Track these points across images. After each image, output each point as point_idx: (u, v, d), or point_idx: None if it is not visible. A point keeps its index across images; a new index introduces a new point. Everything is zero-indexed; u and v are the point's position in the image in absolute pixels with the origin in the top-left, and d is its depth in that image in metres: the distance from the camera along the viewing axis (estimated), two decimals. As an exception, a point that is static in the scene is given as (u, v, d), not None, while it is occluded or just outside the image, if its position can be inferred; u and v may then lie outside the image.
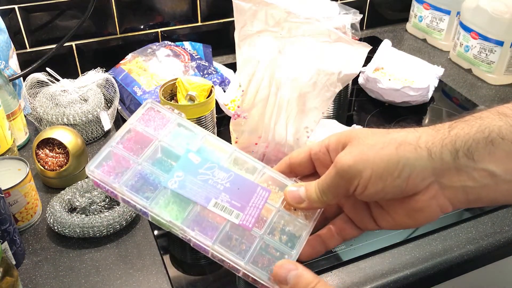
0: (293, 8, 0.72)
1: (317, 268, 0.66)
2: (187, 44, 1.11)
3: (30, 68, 0.96)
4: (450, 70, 1.18)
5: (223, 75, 1.03)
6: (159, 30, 1.15)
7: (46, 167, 0.79)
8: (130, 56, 1.06)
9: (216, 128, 0.87)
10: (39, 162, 0.79)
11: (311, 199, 0.45)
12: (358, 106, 1.05)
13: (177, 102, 0.83)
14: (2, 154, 0.78)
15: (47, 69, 0.90)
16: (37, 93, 0.90)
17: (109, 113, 0.92)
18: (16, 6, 0.99)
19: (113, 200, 0.75)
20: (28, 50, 1.05)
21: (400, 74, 1.05)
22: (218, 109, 0.91)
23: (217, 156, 0.49)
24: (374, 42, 1.03)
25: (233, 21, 0.73)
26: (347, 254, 0.69)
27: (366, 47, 0.72)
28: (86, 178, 0.79)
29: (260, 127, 0.75)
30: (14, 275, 0.57)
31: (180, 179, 0.46)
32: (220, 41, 1.21)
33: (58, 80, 0.91)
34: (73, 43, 1.08)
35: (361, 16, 0.92)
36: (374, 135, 0.43)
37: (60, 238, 0.72)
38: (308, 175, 0.49)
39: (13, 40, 0.98)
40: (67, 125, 0.85)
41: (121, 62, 1.05)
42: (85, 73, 0.95)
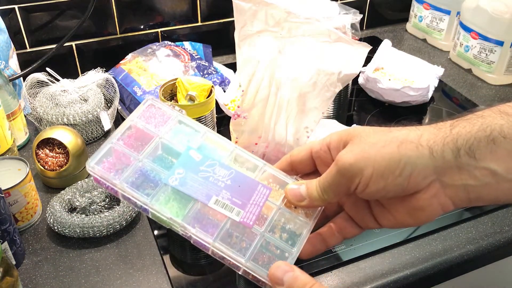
0: (293, 8, 0.72)
1: (317, 268, 0.66)
2: (187, 44, 1.11)
3: (30, 68, 0.96)
4: (450, 70, 1.18)
5: (223, 75, 1.03)
6: (159, 30, 1.15)
7: (46, 167, 0.79)
8: (130, 56, 1.06)
9: (216, 128, 0.87)
10: (39, 162, 0.79)
11: (312, 197, 0.45)
12: (358, 106, 1.05)
13: (177, 102, 0.83)
14: (2, 154, 0.78)
15: (47, 69, 0.90)
16: (37, 93, 0.90)
17: (109, 113, 0.92)
18: (16, 6, 0.99)
19: (113, 200, 0.75)
20: (28, 50, 1.05)
21: (400, 74, 1.05)
22: (218, 109, 0.91)
23: (218, 154, 0.49)
24: (374, 42, 1.03)
25: (233, 21, 0.73)
26: (347, 254, 0.69)
27: (366, 47, 0.72)
28: (86, 178, 0.79)
29: (260, 127, 0.75)
30: (14, 275, 0.57)
31: (181, 176, 0.46)
32: (220, 41, 1.21)
33: (58, 80, 0.91)
34: (73, 43, 1.08)
35: (361, 16, 0.92)
36: (376, 134, 0.42)
37: (60, 238, 0.72)
38: (309, 173, 0.49)
39: (13, 40, 0.98)
40: (67, 125, 0.85)
41: (121, 62, 1.05)
42: (85, 73, 0.95)
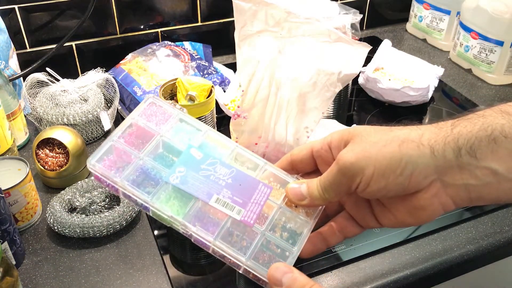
0: (293, 8, 0.72)
1: (317, 268, 0.66)
2: (187, 44, 1.11)
3: (30, 68, 0.96)
4: (450, 70, 1.18)
5: (223, 75, 1.03)
6: (159, 30, 1.15)
7: (46, 167, 0.79)
8: (130, 56, 1.06)
9: (216, 128, 0.87)
10: (39, 162, 0.79)
11: (313, 196, 0.45)
12: (358, 106, 1.05)
13: (177, 102, 0.83)
14: (2, 154, 0.78)
15: (47, 69, 0.90)
16: (37, 93, 0.90)
17: (109, 113, 0.92)
18: (16, 6, 0.99)
19: (113, 200, 0.75)
20: (28, 50, 1.05)
21: (400, 74, 1.05)
22: (218, 109, 0.91)
23: (219, 152, 0.49)
24: (374, 42, 1.03)
25: (233, 21, 0.73)
26: (347, 254, 0.69)
27: (366, 47, 0.72)
28: (86, 178, 0.79)
29: (260, 127, 0.75)
30: (14, 275, 0.57)
31: (182, 175, 0.46)
32: (220, 41, 1.21)
33: (58, 80, 0.91)
34: (73, 43, 1.08)
35: (361, 16, 0.92)
36: (377, 133, 0.42)
37: (60, 238, 0.71)
38: (310, 173, 0.49)
39: (13, 40, 0.98)
40: (67, 125, 0.85)
41: (121, 62, 1.05)
42: (85, 73, 0.95)
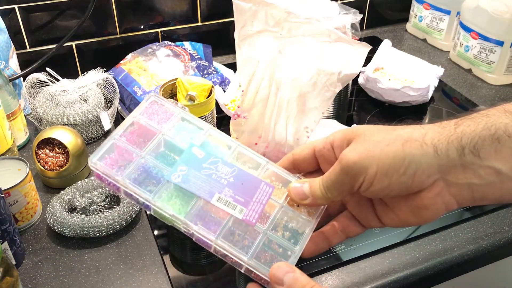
0: (293, 8, 0.72)
1: (317, 268, 0.66)
2: (187, 44, 1.11)
3: (30, 68, 0.96)
4: (450, 70, 1.18)
5: (223, 75, 1.03)
6: (159, 30, 1.15)
7: (46, 167, 0.78)
8: (130, 56, 1.06)
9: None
10: (39, 162, 0.79)
11: (315, 196, 0.45)
12: (358, 106, 1.05)
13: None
14: (2, 154, 0.78)
15: (47, 69, 0.90)
16: (37, 93, 0.90)
17: (109, 113, 0.92)
18: (16, 6, 0.99)
19: (113, 200, 0.75)
20: (28, 50, 1.05)
21: (400, 74, 1.05)
22: (218, 109, 0.91)
23: (221, 151, 0.49)
24: (374, 42, 1.03)
25: (233, 21, 0.73)
26: (347, 254, 0.69)
27: (366, 47, 0.72)
28: (86, 178, 0.79)
29: (260, 127, 0.75)
30: (14, 275, 0.57)
31: (184, 173, 0.46)
32: (220, 41, 1.21)
33: (58, 80, 0.91)
34: (73, 43, 1.08)
35: (361, 16, 0.92)
36: (380, 132, 0.42)
37: (60, 238, 0.71)
38: (311, 172, 0.49)
39: (13, 40, 0.98)
40: (67, 125, 0.85)
41: (121, 62, 1.05)
42: (85, 73, 0.95)
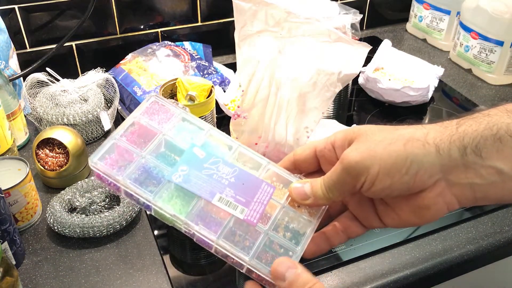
0: (293, 8, 0.72)
1: (317, 268, 0.66)
2: (187, 44, 1.11)
3: (30, 68, 0.96)
4: (450, 70, 1.18)
5: (223, 75, 1.03)
6: (159, 30, 1.15)
7: (46, 167, 0.79)
8: (130, 56, 1.06)
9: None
10: (39, 162, 0.79)
11: (317, 196, 0.45)
12: (358, 106, 1.05)
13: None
14: (2, 154, 0.78)
15: (47, 69, 0.90)
16: (37, 93, 0.90)
17: (109, 113, 0.92)
18: (16, 6, 0.99)
19: (113, 200, 0.75)
20: (28, 50, 1.05)
21: (400, 74, 1.05)
22: (218, 109, 0.91)
23: (222, 151, 0.49)
24: (374, 42, 1.03)
25: (233, 21, 0.73)
26: (347, 254, 0.69)
27: (366, 47, 0.72)
28: (86, 178, 0.79)
29: (260, 127, 0.75)
30: (14, 275, 0.57)
31: (185, 173, 0.46)
32: (220, 41, 1.21)
33: (58, 80, 0.91)
34: (73, 43, 1.08)
35: (361, 16, 0.92)
36: (382, 132, 0.42)
37: (60, 238, 0.71)
38: (312, 172, 0.49)
39: (13, 40, 0.98)
40: (67, 125, 0.85)
41: (121, 62, 1.05)
42: (85, 73, 0.95)
